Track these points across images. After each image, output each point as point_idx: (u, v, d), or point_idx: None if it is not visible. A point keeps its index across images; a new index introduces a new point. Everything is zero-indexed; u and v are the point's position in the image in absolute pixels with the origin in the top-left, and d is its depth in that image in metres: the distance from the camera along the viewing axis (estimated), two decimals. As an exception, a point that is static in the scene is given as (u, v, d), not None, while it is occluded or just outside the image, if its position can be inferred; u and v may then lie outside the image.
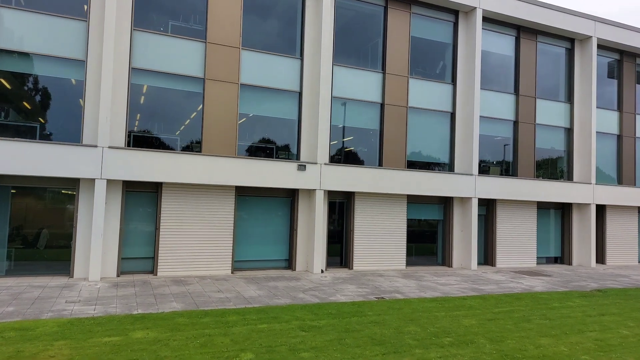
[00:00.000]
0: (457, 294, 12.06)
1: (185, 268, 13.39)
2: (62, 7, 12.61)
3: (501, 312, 10.05)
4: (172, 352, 6.65)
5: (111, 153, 12.36)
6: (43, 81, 12.58)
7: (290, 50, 15.29)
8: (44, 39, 12.32)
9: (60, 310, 8.78)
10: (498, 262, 18.07)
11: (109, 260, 12.57)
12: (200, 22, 14.07)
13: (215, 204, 13.89)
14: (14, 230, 12.27)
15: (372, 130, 16.41)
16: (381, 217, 16.16)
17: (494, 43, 18.59)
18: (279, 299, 10.49)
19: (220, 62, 14.02)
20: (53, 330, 7.44)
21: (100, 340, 7.03)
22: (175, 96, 13.89)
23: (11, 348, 6.54)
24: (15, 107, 12.41)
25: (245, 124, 14.60)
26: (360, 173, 15.33)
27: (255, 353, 6.76)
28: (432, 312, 9.78)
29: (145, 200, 13.43)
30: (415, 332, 8.18)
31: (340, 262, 15.93)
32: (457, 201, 17.53)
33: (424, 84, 17.17)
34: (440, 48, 17.86)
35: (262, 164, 13.98)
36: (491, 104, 18.23)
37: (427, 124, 17.30)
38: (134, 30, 13.19)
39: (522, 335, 8.27)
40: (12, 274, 12.03)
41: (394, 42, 16.54)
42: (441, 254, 17.66)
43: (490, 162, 18.51)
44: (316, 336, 7.69)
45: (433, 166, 17.50)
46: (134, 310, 8.99)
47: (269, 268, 14.80)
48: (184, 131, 13.96)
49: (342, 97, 15.77)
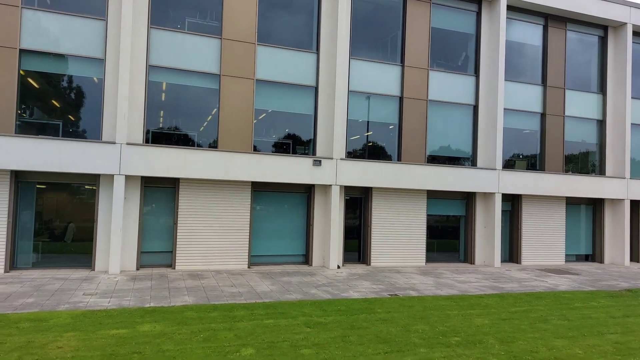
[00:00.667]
0: (475, 292, 11.74)
1: (202, 262, 13.59)
2: (83, 7, 12.93)
3: (518, 311, 9.71)
4: (174, 346, 6.74)
5: (129, 149, 12.63)
6: (65, 80, 12.98)
7: (306, 44, 15.19)
8: (66, 38, 12.68)
9: (77, 303, 9.06)
10: (523, 259, 17.49)
11: (128, 254, 12.89)
12: (215, 19, 14.16)
13: (231, 199, 14.02)
14: (40, 224, 12.75)
15: (390, 125, 16.14)
16: (400, 212, 15.91)
17: (519, 32, 17.91)
18: (290, 295, 10.49)
19: (236, 58, 14.07)
20: (66, 322, 7.68)
21: (107, 333, 7.20)
22: (192, 93, 14.05)
23: (23, 338, 6.78)
24: (39, 105, 12.86)
25: (260, 120, 14.64)
26: (378, 168, 15.12)
27: (257, 348, 6.76)
28: (444, 310, 9.55)
29: (163, 195, 13.69)
30: (423, 330, 8.00)
31: (358, 258, 15.80)
32: (479, 196, 17.06)
33: (445, 76, 16.73)
34: (463, 39, 17.35)
35: (277, 159, 13.99)
36: (516, 96, 17.59)
37: (448, 118, 16.87)
38: (150, 28, 13.40)
39: (536, 336, 7.96)
40: (38, 266, 12.52)
41: (413, 33, 16.17)
42: (463, 251, 17.25)
43: (515, 156, 17.90)
44: (320, 333, 7.63)
45: (454, 161, 17.07)
46: (147, 304, 9.17)
47: (285, 263, 14.84)
48: (200, 127, 14.13)
49: (359, 91, 15.56)
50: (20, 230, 12.40)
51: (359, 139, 15.80)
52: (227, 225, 13.92)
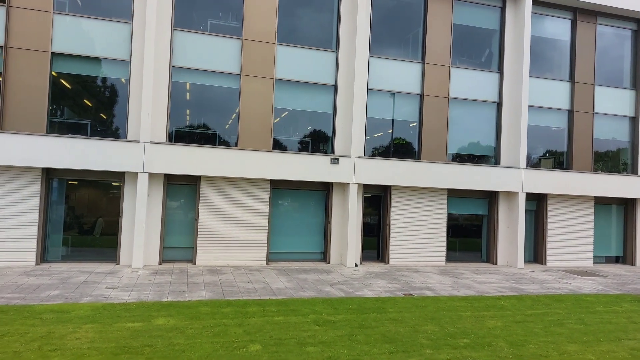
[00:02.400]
0: (493, 293, 11.57)
1: (221, 258, 13.91)
2: (110, 10, 13.40)
3: (534, 314, 9.53)
4: (185, 340, 6.99)
5: (153, 148, 13.05)
6: (94, 81, 13.51)
7: (325, 43, 15.25)
8: (94, 41, 13.19)
9: (98, 296, 9.48)
10: (548, 260, 17.05)
11: (151, 249, 13.34)
12: (237, 19, 14.40)
13: (250, 196, 14.27)
14: (70, 219, 13.36)
15: (410, 123, 16.02)
16: (419, 211, 15.80)
17: (546, 27, 17.39)
18: (304, 292, 10.63)
19: (256, 58, 14.28)
20: (86, 314, 8.07)
21: (123, 325, 7.52)
22: (213, 92, 14.37)
23: (44, 329, 7.18)
24: (69, 105, 13.43)
25: (280, 119, 14.82)
26: (397, 166, 15.05)
27: (263, 345, 6.93)
28: (457, 311, 9.48)
29: (185, 192, 14.08)
30: (432, 331, 7.98)
31: (377, 257, 15.80)
32: (503, 195, 16.73)
33: (468, 73, 16.45)
34: (486, 35, 17.00)
35: (295, 157, 14.14)
36: (542, 93, 17.12)
37: (470, 115, 16.60)
38: (174, 30, 13.76)
39: (548, 340, 7.81)
40: (67, 259, 13.13)
41: (434, 30, 15.97)
42: (485, 251, 16.98)
43: (541, 154, 17.44)
44: (328, 331, 7.73)
45: (477, 159, 16.79)
46: (164, 298, 9.51)
47: (303, 260, 15.01)
48: (221, 126, 14.43)
49: (379, 89, 15.51)
50: (51, 225, 13.03)
51: (378, 137, 15.76)
52: (246, 222, 14.20)
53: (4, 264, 12.21)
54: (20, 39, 12.53)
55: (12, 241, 12.34)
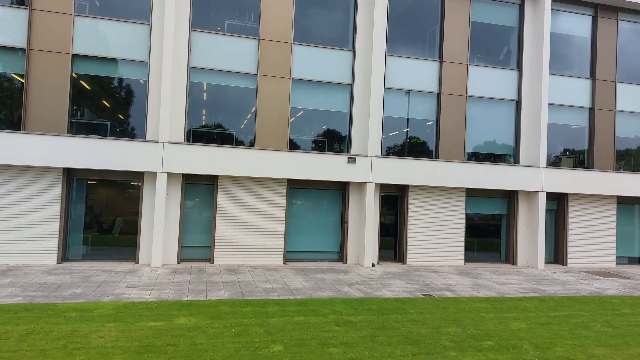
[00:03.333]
0: (514, 294, 11.39)
1: (239, 257, 13.94)
2: (129, 12, 13.52)
3: (558, 316, 9.35)
4: (207, 340, 6.99)
5: (171, 148, 13.13)
6: (113, 82, 13.64)
7: (342, 42, 15.19)
8: (114, 43, 13.32)
9: (120, 294, 9.56)
10: (569, 261, 16.75)
11: (170, 248, 13.43)
12: (253, 20, 14.41)
13: (267, 196, 14.28)
14: (90, 219, 13.52)
15: (428, 121, 15.87)
16: (437, 210, 15.64)
17: (566, 24, 17.08)
18: (323, 292, 10.59)
19: (273, 58, 14.28)
20: (108, 313, 8.13)
21: (146, 324, 7.57)
22: (230, 92, 14.40)
23: (69, 327, 7.25)
24: (89, 106, 13.58)
25: (296, 118, 14.80)
26: (414, 165, 14.92)
27: (285, 345, 6.90)
28: (479, 312, 9.34)
29: (203, 192, 14.14)
30: (455, 333, 7.87)
31: (394, 257, 15.69)
32: (522, 195, 16.48)
33: (486, 71, 16.24)
34: (504, 32, 16.76)
35: (312, 157, 14.11)
36: (562, 90, 16.82)
37: (488, 113, 16.38)
38: (192, 31, 13.83)
39: (575, 343, 7.64)
40: (88, 258, 13.28)
41: (452, 28, 15.80)
42: (505, 251, 16.74)
43: (561, 153, 17.13)
44: (349, 332, 7.67)
45: (495, 158, 16.57)
46: (184, 297, 9.55)
47: (320, 260, 14.97)
48: (238, 126, 14.47)
49: (395, 88, 15.39)
50: (72, 224, 13.20)
51: (395, 136, 15.65)
52: (263, 222, 14.21)
53: (27, 263, 12.40)
54: (42, 42, 12.71)
55: (35, 240, 12.53)
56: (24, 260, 12.41)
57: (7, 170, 12.48)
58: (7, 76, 12.86)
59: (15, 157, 12.04)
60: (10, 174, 12.50)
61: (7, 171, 12.48)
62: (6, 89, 12.92)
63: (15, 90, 12.83)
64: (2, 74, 12.82)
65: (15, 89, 12.84)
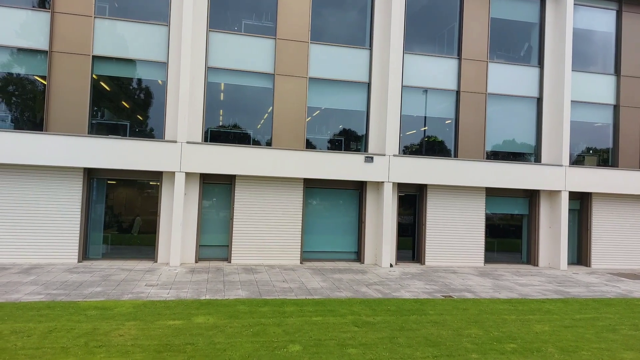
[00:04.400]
0: (537, 296, 11.13)
1: (256, 257, 13.95)
2: (148, 14, 13.66)
3: (583, 318, 9.09)
4: (225, 339, 6.97)
5: (189, 148, 13.20)
6: (133, 83, 13.80)
7: (359, 41, 15.08)
8: (133, 44, 13.46)
9: (139, 293, 9.63)
10: (593, 262, 16.32)
11: (188, 247, 13.51)
12: (270, 19, 14.41)
13: (284, 195, 14.26)
14: (110, 218, 13.69)
15: (446, 120, 15.65)
16: (456, 210, 15.40)
17: (589, 19, 16.65)
18: (341, 292, 10.50)
19: (290, 57, 14.26)
20: (128, 311, 8.19)
21: (165, 323, 7.59)
22: (248, 92, 14.43)
23: (90, 325, 7.32)
24: (109, 107, 13.76)
25: (313, 117, 14.74)
26: (433, 164, 14.72)
27: (304, 345, 6.84)
28: (501, 314, 9.14)
29: (220, 191, 14.19)
30: (477, 335, 7.70)
31: (412, 257, 15.50)
32: (544, 194, 16.12)
33: (506, 68, 15.94)
34: (525, 28, 16.42)
35: (329, 156, 14.03)
36: (585, 87, 16.40)
37: (509, 111, 16.07)
38: (209, 31, 13.89)
39: (602, 346, 7.40)
40: (107, 257, 13.45)
41: (471, 25, 15.54)
42: (526, 252, 16.40)
43: (584, 151, 16.71)
44: (368, 332, 7.57)
45: (516, 156, 16.24)
46: (202, 296, 9.57)
47: (337, 260, 14.88)
48: (255, 126, 14.48)
49: (413, 86, 15.21)
50: (92, 224, 13.38)
51: (413, 135, 15.47)
52: (280, 221, 14.19)
53: (49, 261, 12.61)
54: (63, 43, 12.92)
55: (56, 239, 12.74)
56: (46, 258, 12.63)
57: (30, 170, 12.71)
58: (30, 78, 13.10)
59: (37, 157, 12.26)
60: (32, 174, 12.73)
61: (30, 171, 12.71)
62: (29, 91, 13.17)
63: (37, 92, 13.06)
64: (26, 76, 13.07)
65: (37, 91, 13.07)
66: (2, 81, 12.90)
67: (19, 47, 12.82)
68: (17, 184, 12.63)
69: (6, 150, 12.07)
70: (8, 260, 12.41)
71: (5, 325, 7.12)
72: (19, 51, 12.89)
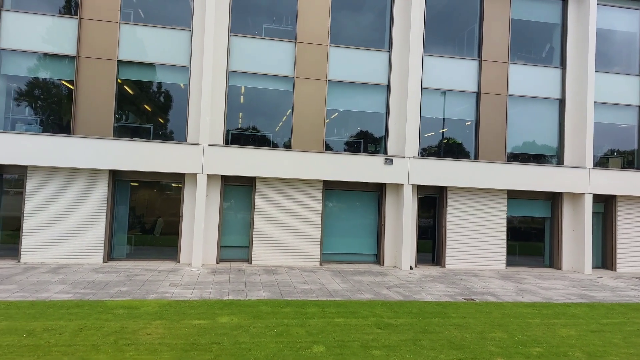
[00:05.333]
0: (561, 300, 10.97)
1: (276, 258, 14.05)
2: (171, 19, 13.93)
3: (610, 323, 8.93)
4: (250, 339, 7.07)
5: (211, 150, 13.40)
6: (156, 87, 14.07)
7: (378, 43, 15.11)
8: (157, 49, 13.73)
9: (163, 293, 9.81)
10: (619, 266, 15.99)
11: (209, 248, 13.69)
12: (290, 23, 14.54)
13: (304, 197, 14.34)
14: (133, 219, 13.97)
15: (467, 121, 15.55)
16: (477, 213, 15.27)
17: (612, 19, 16.37)
18: (361, 294, 10.52)
19: (309, 60, 14.36)
20: (154, 311, 8.35)
21: (190, 323, 7.73)
22: (268, 95, 14.58)
23: (118, 324, 7.49)
24: (133, 110, 14.06)
25: (332, 119, 14.81)
26: (453, 167, 14.63)
27: (327, 346, 6.89)
28: (525, 318, 9.04)
29: (241, 193, 14.35)
30: (501, 338, 7.64)
31: (432, 260, 15.42)
32: (567, 197, 15.87)
33: (527, 69, 15.77)
34: (547, 29, 16.23)
35: (348, 158, 14.08)
36: (609, 88, 16.11)
37: (530, 113, 15.89)
38: (231, 35, 14.08)
39: (631, 352, 7.27)
40: (131, 257, 13.71)
41: (491, 26, 15.43)
42: (549, 255, 16.16)
43: (608, 153, 16.41)
44: (391, 334, 7.58)
45: (538, 158, 16.04)
46: (225, 296, 9.70)
47: (357, 262, 14.89)
48: (275, 128, 14.61)
49: (433, 88, 15.16)
50: (117, 225, 13.66)
51: (433, 137, 15.41)
52: (299, 223, 14.27)
53: (75, 261, 12.92)
54: (90, 49, 13.25)
55: (82, 240, 13.04)
56: (73, 258, 12.94)
57: (58, 172, 13.04)
58: (57, 83, 13.47)
59: (65, 160, 12.58)
60: (60, 176, 13.06)
61: (58, 173, 13.05)
62: (57, 95, 13.55)
63: (64, 96, 13.42)
64: (54, 81, 13.44)
65: (64, 95, 13.43)
66: (31, 86, 13.30)
67: (48, 53, 13.20)
68: (46, 186, 12.98)
69: (35, 153, 12.42)
70: (37, 260, 12.75)
71: (38, 323, 7.34)
72: (47, 56, 13.27)
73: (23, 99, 13.35)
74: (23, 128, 13.12)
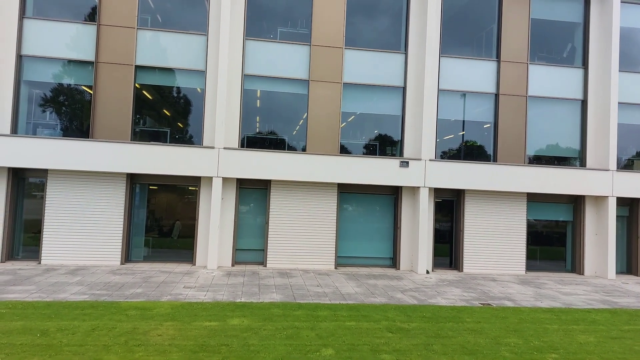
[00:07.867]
0: (581, 305, 10.63)
1: (291, 261, 14.04)
2: (187, 24, 14.13)
3: (632, 330, 8.60)
4: (259, 341, 7.05)
5: (226, 153, 13.50)
6: (173, 91, 14.29)
7: (393, 45, 15.01)
8: (173, 53, 13.95)
9: (177, 294, 9.90)
10: (645, 272, 15.44)
11: (225, 251, 13.77)
12: (305, 26, 14.58)
13: (318, 200, 14.31)
14: (151, 222, 14.17)
15: (485, 123, 15.28)
16: (495, 216, 14.96)
17: (635, 17, 15.87)
18: (375, 298, 10.40)
19: (324, 64, 14.35)
20: (166, 312, 8.43)
21: (201, 324, 7.76)
22: (283, 99, 14.62)
23: (130, 325, 7.58)
24: (151, 114, 14.29)
25: (347, 122, 14.75)
26: (471, 169, 14.39)
27: (337, 350, 6.82)
28: (542, 323, 8.78)
29: (256, 196, 14.41)
30: (516, 344, 7.43)
31: (450, 264, 15.16)
32: (589, 200, 15.41)
33: (548, 69, 15.41)
34: (568, 29, 15.85)
35: (363, 161, 13.99)
36: (633, 88, 15.61)
37: (551, 114, 15.52)
38: (246, 39, 14.20)
39: (654, 360, 6.98)
40: (148, 259, 13.90)
41: (510, 26, 15.15)
42: (570, 260, 15.71)
43: (633, 155, 15.88)
44: (402, 339, 7.46)
45: (559, 161, 15.64)
46: (238, 299, 9.72)
47: (372, 265, 14.75)
48: (290, 131, 14.64)
49: (450, 90, 14.96)
50: (134, 228, 13.88)
51: (450, 139, 15.19)
52: (314, 226, 14.24)
53: (93, 263, 13.17)
54: (108, 54, 13.54)
55: (101, 242, 13.29)
56: (91, 260, 13.19)
57: (77, 175, 13.34)
58: (78, 88, 13.80)
59: (84, 163, 12.86)
60: (80, 180, 13.36)
61: (77, 176, 13.34)
62: (77, 100, 13.88)
63: (84, 101, 13.74)
64: (74, 86, 13.78)
65: (84, 100, 13.75)
66: (51, 91, 13.66)
67: (67, 59, 13.54)
68: (65, 189, 13.28)
69: (55, 157, 12.73)
70: (56, 262, 13.05)
71: (52, 323, 7.48)
72: (67, 62, 13.61)
73: (43, 105, 13.72)
74: (44, 133, 13.49)
